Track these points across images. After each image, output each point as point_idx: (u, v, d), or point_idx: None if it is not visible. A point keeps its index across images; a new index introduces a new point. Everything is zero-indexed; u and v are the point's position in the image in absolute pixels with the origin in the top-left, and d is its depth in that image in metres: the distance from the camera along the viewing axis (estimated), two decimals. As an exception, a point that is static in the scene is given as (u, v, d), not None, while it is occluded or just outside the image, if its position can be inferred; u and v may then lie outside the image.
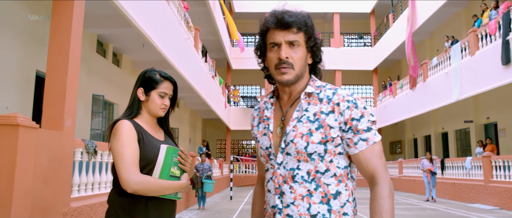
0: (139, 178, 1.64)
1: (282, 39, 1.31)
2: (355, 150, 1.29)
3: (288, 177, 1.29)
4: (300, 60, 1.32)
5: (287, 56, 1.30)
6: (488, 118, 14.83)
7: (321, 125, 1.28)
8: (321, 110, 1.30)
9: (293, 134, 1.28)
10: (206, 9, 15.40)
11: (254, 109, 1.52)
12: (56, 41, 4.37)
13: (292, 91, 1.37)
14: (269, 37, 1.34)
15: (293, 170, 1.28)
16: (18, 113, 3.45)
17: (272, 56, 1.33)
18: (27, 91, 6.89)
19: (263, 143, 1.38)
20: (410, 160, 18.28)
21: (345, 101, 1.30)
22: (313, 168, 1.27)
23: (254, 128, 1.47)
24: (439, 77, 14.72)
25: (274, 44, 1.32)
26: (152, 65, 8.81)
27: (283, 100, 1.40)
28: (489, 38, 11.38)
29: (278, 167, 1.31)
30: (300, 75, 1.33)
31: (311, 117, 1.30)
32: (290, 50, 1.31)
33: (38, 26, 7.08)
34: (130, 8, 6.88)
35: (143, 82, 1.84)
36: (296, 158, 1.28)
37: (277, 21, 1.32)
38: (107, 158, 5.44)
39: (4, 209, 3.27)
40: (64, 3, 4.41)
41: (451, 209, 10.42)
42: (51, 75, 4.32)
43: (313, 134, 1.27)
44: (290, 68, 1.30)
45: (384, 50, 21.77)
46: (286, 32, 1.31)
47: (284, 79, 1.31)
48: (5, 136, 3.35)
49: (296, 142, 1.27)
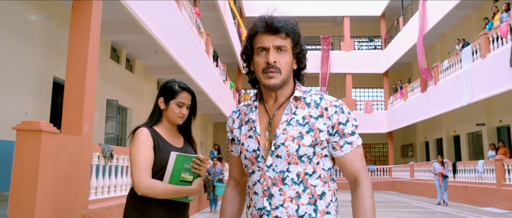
0: (148, 183, 1.81)
1: (270, 44, 1.33)
2: (340, 152, 1.35)
3: (278, 180, 1.31)
4: (287, 65, 1.35)
5: (275, 61, 1.32)
6: (501, 121, 14.72)
7: (311, 128, 1.32)
8: (310, 114, 1.34)
9: (284, 137, 1.31)
10: (217, 14, 15.59)
11: (233, 112, 1.52)
12: (75, 50, 4.56)
13: (278, 96, 1.39)
14: (257, 41, 1.36)
15: (283, 172, 1.30)
16: (41, 119, 3.63)
17: (259, 60, 1.35)
18: (45, 96, 7.12)
19: (249, 145, 1.38)
20: (421, 163, 18.20)
21: (333, 106, 1.35)
22: (302, 171, 1.31)
23: (234, 130, 1.47)
24: (450, 80, 14.68)
25: (262, 49, 1.34)
26: (164, 71, 8.99)
27: (269, 103, 1.42)
28: (501, 41, 11.34)
29: (267, 170, 1.32)
30: (287, 79, 1.36)
31: (300, 120, 1.33)
32: (277, 55, 1.33)
33: (56, 34, 7.31)
34: (144, 15, 7.07)
35: (164, 92, 1.99)
36: (286, 161, 1.30)
37: (266, 26, 1.34)
38: (122, 162, 5.62)
39: (29, 210, 3.44)
40: (83, 13, 4.60)
41: (462, 213, 10.39)
42: (70, 82, 4.50)
43: (304, 137, 1.30)
44: (277, 73, 1.33)
45: (394, 53, 21.73)
46: (275, 37, 1.34)
47: (271, 83, 1.33)
48: (29, 141, 3.53)
49: (287, 144, 1.30)
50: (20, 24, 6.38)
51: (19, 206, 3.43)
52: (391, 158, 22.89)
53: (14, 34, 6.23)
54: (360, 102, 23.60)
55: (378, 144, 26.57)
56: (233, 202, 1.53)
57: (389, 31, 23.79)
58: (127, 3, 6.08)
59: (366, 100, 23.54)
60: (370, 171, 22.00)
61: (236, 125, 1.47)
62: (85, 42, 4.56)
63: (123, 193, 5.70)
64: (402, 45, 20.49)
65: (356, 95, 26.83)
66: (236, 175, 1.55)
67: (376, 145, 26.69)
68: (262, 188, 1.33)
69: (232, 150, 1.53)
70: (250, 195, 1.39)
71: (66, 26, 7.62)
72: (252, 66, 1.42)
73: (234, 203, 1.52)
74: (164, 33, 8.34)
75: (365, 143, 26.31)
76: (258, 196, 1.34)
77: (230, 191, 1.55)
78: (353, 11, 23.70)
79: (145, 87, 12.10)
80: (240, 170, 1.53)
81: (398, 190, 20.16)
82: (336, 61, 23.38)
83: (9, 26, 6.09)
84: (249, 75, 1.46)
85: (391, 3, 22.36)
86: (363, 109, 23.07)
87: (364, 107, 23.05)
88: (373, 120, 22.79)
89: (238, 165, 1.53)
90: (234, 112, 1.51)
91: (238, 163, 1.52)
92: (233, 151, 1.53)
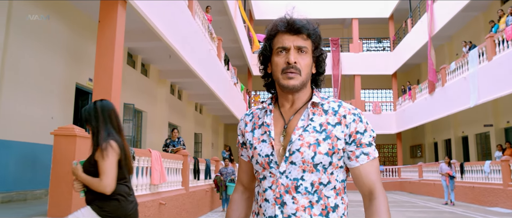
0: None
1: (291, 44, 1.30)
2: (356, 163, 1.30)
3: (291, 187, 1.26)
4: (307, 67, 1.31)
5: (296, 61, 1.29)
6: (508, 122, 14.89)
7: (329, 136, 1.28)
8: (327, 121, 1.30)
9: (300, 143, 1.26)
10: (227, 18, 16.01)
11: (245, 115, 1.47)
12: (102, 61, 4.99)
13: (295, 100, 1.35)
14: (277, 42, 1.33)
15: (297, 180, 1.26)
16: (75, 125, 4.05)
17: (279, 60, 1.31)
18: (69, 101, 7.58)
19: (262, 150, 1.32)
20: (429, 163, 18.40)
21: (351, 114, 1.31)
22: (317, 180, 1.27)
23: (246, 133, 1.41)
24: (457, 82, 14.89)
25: (282, 49, 1.31)
26: (177, 74, 9.53)
27: (285, 107, 1.37)
28: (506, 44, 11.56)
29: (280, 176, 1.27)
30: (305, 82, 1.33)
31: (317, 127, 1.29)
32: (298, 56, 1.30)
33: (78, 44, 7.78)
34: (160, 24, 7.49)
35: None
36: (301, 168, 1.26)
37: (288, 25, 1.31)
38: (143, 163, 6.04)
39: (66, 206, 3.87)
40: (108, 27, 5.03)
41: (468, 212, 10.64)
42: (97, 90, 4.94)
43: (321, 145, 1.26)
44: (297, 74, 1.29)
45: (403, 55, 21.95)
46: (296, 37, 1.31)
47: (290, 84, 1.29)
48: (65, 144, 3.95)
49: (302, 151, 1.25)
50: (46, 35, 6.84)
51: (58, 203, 3.86)
52: (400, 159, 23.09)
53: (41, 44, 6.70)
54: (369, 103, 23.82)
55: (387, 144, 26.76)
56: (240, 208, 1.48)
57: (398, 32, 23.99)
58: (145, 13, 6.50)
59: (375, 101, 23.77)
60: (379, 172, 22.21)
61: (248, 128, 1.41)
62: (111, 54, 4.99)
63: (144, 192, 6.12)
64: (410, 46, 20.71)
65: (365, 96, 27.05)
66: (244, 180, 1.50)
67: (385, 145, 26.87)
68: (274, 195, 1.27)
69: (242, 154, 1.48)
70: (259, 202, 1.33)
71: (87, 35, 8.10)
72: (269, 68, 1.38)
73: (241, 209, 1.48)
74: (178, 39, 8.76)
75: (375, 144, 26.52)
76: (269, 203, 1.28)
77: (237, 197, 1.50)
78: (362, 13, 23.96)
79: (159, 91, 12.55)
80: (250, 175, 1.48)
81: (407, 190, 20.37)
82: (345, 63, 23.66)
83: (36, 37, 6.55)
84: (265, 78, 1.42)
85: (399, 5, 22.58)
86: (372, 110, 23.30)
87: (373, 108, 23.28)
88: (382, 121, 23.01)
89: (247, 170, 1.48)
90: (247, 115, 1.46)
91: (248, 168, 1.47)
92: (243, 156, 1.48)
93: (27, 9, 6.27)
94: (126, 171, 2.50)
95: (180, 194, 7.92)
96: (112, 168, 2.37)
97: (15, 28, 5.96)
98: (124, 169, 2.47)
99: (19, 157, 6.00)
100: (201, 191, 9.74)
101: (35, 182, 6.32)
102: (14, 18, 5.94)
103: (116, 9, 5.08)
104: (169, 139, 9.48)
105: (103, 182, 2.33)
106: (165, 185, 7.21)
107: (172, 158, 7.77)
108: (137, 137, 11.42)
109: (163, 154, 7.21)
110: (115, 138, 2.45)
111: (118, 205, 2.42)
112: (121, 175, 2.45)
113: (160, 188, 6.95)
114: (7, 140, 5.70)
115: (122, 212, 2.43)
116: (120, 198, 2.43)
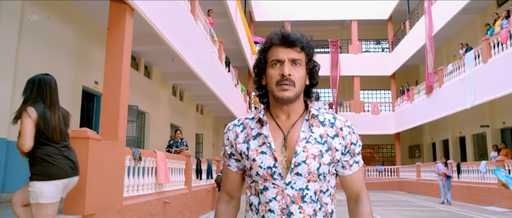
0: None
1: (285, 57, 1.33)
2: (349, 171, 1.41)
3: (297, 197, 1.31)
4: (300, 79, 1.35)
5: (290, 73, 1.32)
6: (504, 123, 15.16)
7: (330, 147, 1.34)
8: (326, 132, 1.36)
9: (305, 154, 1.31)
10: (228, 20, 16.27)
11: (234, 125, 1.46)
12: (110, 66, 5.25)
13: (291, 111, 1.38)
14: (271, 54, 1.36)
15: (302, 190, 1.31)
16: (87, 129, 4.31)
17: (273, 72, 1.35)
18: (76, 104, 7.84)
19: (263, 162, 1.33)
20: (427, 163, 18.67)
21: (346, 126, 1.38)
22: (318, 188, 1.33)
23: (239, 145, 1.42)
24: (454, 84, 15.16)
25: (276, 61, 1.34)
26: (179, 76, 9.84)
27: (280, 119, 1.40)
28: (501, 47, 11.83)
29: (285, 188, 1.31)
30: (299, 94, 1.36)
31: (318, 138, 1.34)
32: (292, 68, 1.33)
33: (84, 48, 8.04)
34: (164, 28, 7.73)
35: None
36: (306, 178, 1.31)
37: (282, 38, 1.35)
38: (148, 163, 6.30)
39: (80, 204, 4.13)
40: (117, 34, 5.29)
41: (463, 211, 10.91)
42: (107, 95, 5.20)
43: (324, 156, 1.32)
44: (291, 86, 1.32)
45: (401, 56, 22.22)
46: (290, 50, 1.34)
47: (285, 96, 1.32)
48: (79, 146, 4.21)
49: (309, 163, 1.30)
50: (54, 40, 7.10)
51: (73, 201, 4.12)
52: (398, 159, 23.36)
53: (50, 49, 6.96)
54: (367, 104, 24.10)
55: (386, 145, 27.02)
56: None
57: (396, 34, 24.27)
58: (150, 20, 6.76)
59: (374, 102, 24.04)
60: (378, 172, 22.51)
61: (240, 140, 1.42)
62: (119, 59, 5.25)
63: (150, 191, 6.38)
64: (408, 48, 20.98)
65: (364, 97, 27.33)
66: (232, 190, 1.51)
67: (384, 146, 27.14)
68: (280, 205, 1.31)
69: (229, 165, 1.48)
70: (261, 212, 1.35)
71: (92, 40, 8.36)
72: (264, 80, 1.41)
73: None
74: (181, 43, 9.02)
75: (373, 144, 26.80)
76: (275, 214, 1.31)
77: (223, 208, 1.51)
78: (361, 15, 24.23)
79: (161, 93, 12.81)
80: (237, 185, 1.50)
81: (405, 190, 20.64)
82: (344, 64, 23.93)
83: (46, 42, 6.81)
84: (259, 89, 1.46)
85: (398, 7, 22.85)
86: (370, 110, 23.57)
87: (372, 109, 23.55)
88: (381, 121, 23.29)
89: (235, 180, 1.49)
90: (236, 125, 1.46)
91: (236, 178, 1.48)
92: (230, 166, 1.47)
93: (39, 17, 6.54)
94: (51, 135, 2.94)
95: (183, 194, 8.18)
96: (27, 130, 2.82)
97: (26, 33, 6.22)
98: (47, 134, 2.92)
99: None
100: (203, 191, 10.00)
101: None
102: (26, 25, 6.20)
103: (124, 17, 5.35)
104: (172, 140, 9.74)
105: (19, 142, 2.84)
106: (169, 184, 7.48)
107: (176, 158, 8.03)
108: (140, 138, 11.67)
109: (167, 155, 7.47)
110: (35, 107, 2.91)
111: (42, 167, 2.89)
112: (43, 138, 2.91)
113: (165, 188, 7.21)
114: (19, 141, 5.96)
115: (50, 172, 2.90)
116: (44, 161, 2.90)
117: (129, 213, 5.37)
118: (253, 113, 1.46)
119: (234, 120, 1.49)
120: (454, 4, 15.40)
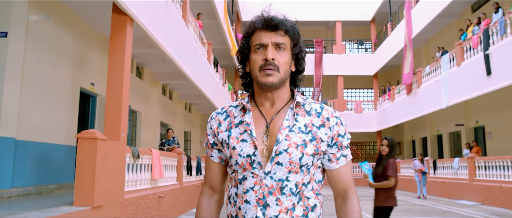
0: None
1: (269, 41, 1.27)
2: (336, 165, 1.32)
3: (276, 188, 1.22)
4: (285, 64, 1.28)
5: (273, 58, 1.25)
6: (477, 122, 16.08)
7: (314, 137, 1.26)
8: (311, 122, 1.28)
9: (287, 143, 1.23)
10: (216, 21, 16.80)
11: (217, 113, 1.39)
12: (113, 72, 5.77)
13: (276, 99, 1.32)
14: (255, 39, 1.30)
15: (282, 181, 1.23)
16: (95, 130, 4.84)
17: (257, 57, 1.28)
18: (74, 104, 8.29)
19: (242, 150, 1.26)
20: (406, 160, 19.57)
21: (334, 117, 1.31)
22: (300, 180, 1.25)
23: (221, 133, 1.34)
24: (431, 85, 16.01)
25: (260, 46, 1.28)
26: (170, 77, 10.50)
27: (264, 106, 1.33)
28: (473, 51, 12.64)
29: (264, 177, 1.23)
30: (284, 80, 1.29)
31: (303, 128, 1.26)
32: (276, 53, 1.27)
33: (82, 51, 8.49)
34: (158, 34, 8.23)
35: None
36: (287, 169, 1.23)
37: (265, 22, 1.30)
38: (145, 160, 6.83)
39: (89, 198, 4.66)
40: (118, 43, 5.80)
41: (437, 205, 11.71)
42: (110, 98, 5.71)
43: (307, 146, 1.24)
44: (275, 71, 1.25)
45: (383, 57, 23.07)
46: (274, 33, 1.28)
47: (268, 81, 1.25)
48: (88, 146, 4.74)
49: (290, 152, 1.22)
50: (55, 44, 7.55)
51: (83, 195, 4.65)
52: (380, 156, 24.18)
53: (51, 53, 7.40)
54: (350, 103, 24.91)
55: (368, 142, 27.93)
56: (210, 213, 1.40)
57: (379, 35, 25.11)
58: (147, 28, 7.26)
59: (357, 101, 24.88)
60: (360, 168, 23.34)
61: (223, 128, 1.34)
62: (121, 66, 5.77)
63: (146, 186, 6.93)
64: (390, 49, 21.82)
65: (347, 96, 28.15)
66: (214, 183, 1.41)
67: (366, 143, 28.05)
68: (256, 196, 1.23)
69: (212, 155, 1.40)
70: (237, 204, 1.27)
71: (90, 44, 8.81)
72: (248, 67, 1.34)
73: (211, 216, 1.40)
74: (172, 45, 9.51)
75: (356, 142, 27.67)
76: (251, 205, 1.23)
77: (205, 202, 1.41)
78: (345, 16, 25.00)
79: (152, 92, 13.27)
80: (220, 177, 1.41)
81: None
82: (328, 64, 24.68)
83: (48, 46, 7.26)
84: (244, 78, 1.38)
85: (380, 8, 23.66)
86: (353, 109, 24.39)
87: (355, 107, 24.37)
88: (363, 119, 24.13)
89: (218, 172, 1.40)
90: (219, 113, 1.38)
91: (218, 169, 1.40)
92: (212, 157, 1.39)
93: (42, 24, 6.98)
94: None
95: (175, 189, 8.73)
96: None
97: (31, 38, 6.67)
98: None
99: (35, 155, 6.73)
100: (193, 186, 10.56)
101: (48, 178, 7.06)
102: (31, 30, 6.65)
103: (125, 27, 5.86)
104: (164, 139, 10.27)
105: None
106: (162, 180, 8.02)
107: (168, 156, 8.57)
108: (132, 136, 12.14)
109: (161, 153, 8.01)
110: None
111: None
112: None
113: (159, 183, 7.76)
114: (25, 140, 6.43)
115: None
116: None
117: (129, 206, 5.91)
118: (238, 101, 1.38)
119: (218, 109, 1.43)
120: (432, 9, 16.22)
